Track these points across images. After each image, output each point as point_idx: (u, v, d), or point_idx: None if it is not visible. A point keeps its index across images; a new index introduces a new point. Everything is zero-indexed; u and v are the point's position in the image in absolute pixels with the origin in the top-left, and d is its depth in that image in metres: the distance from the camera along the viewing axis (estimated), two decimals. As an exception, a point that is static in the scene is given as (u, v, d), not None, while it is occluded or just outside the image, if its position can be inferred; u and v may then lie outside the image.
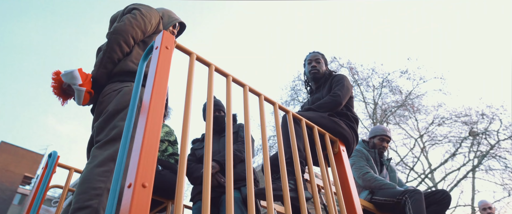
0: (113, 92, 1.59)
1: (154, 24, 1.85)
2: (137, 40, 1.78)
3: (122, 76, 1.66)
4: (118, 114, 1.51)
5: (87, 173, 1.33)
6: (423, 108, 15.57)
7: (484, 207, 4.66)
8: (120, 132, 1.45)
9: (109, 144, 1.42)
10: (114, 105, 1.54)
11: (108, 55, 1.66)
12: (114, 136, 1.44)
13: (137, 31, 1.73)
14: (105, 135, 1.46)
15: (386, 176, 2.93)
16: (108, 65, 1.66)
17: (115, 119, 1.50)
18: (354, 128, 2.10)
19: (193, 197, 2.47)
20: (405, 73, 15.28)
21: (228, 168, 1.22)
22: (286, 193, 1.36)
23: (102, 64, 1.65)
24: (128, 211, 0.91)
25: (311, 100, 2.32)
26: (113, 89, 1.61)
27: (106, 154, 1.38)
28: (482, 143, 14.41)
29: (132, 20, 1.71)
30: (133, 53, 1.74)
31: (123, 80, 1.64)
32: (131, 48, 1.75)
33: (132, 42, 1.74)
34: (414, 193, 2.40)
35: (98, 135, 1.49)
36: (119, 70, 1.67)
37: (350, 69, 16.05)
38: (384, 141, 3.01)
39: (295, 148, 1.58)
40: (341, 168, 1.89)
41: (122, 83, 1.63)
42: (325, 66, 2.42)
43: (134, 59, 1.72)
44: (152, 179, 1.01)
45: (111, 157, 1.38)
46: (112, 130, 1.46)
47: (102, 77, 1.66)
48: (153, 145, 1.07)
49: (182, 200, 1.02)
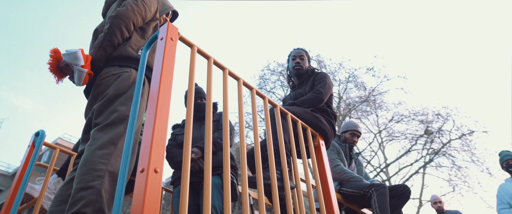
0: (111, 76, 1.62)
1: (153, 11, 1.89)
2: (136, 26, 1.81)
3: (121, 61, 1.69)
4: (117, 99, 1.55)
5: (88, 155, 1.36)
6: (384, 104, 16.28)
7: (435, 201, 5.06)
8: (119, 116, 1.49)
9: (109, 128, 1.46)
10: (113, 89, 1.57)
11: (109, 39, 1.68)
12: (114, 120, 1.48)
13: (138, 18, 1.76)
14: (105, 119, 1.49)
15: (354, 169, 3.14)
16: (108, 48, 1.69)
17: (115, 104, 1.53)
18: (333, 124, 2.24)
19: (173, 181, 2.54)
20: (371, 70, 15.85)
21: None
22: (274, 182, 1.47)
23: (102, 47, 1.67)
24: (143, 194, 0.98)
25: (294, 95, 2.43)
26: (111, 73, 1.63)
27: (107, 137, 1.42)
28: (435, 141, 15.35)
29: (134, 6, 1.75)
30: (132, 39, 1.77)
31: (121, 65, 1.67)
32: (130, 34, 1.78)
33: (132, 28, 1.78)
34: (380, 187, 2.61)
35: (97, 117, 1.51)
36: (118, 54, 1.70)
37: (318, 62, 16.41)
38: (355, 136, 3.21)
39: (282, 141, 1.70)
40: (320, 161, 2.03)
41: (121, 68, 1.66)
42: (308, 63, 2.54)
43: (133, 45, 1.75)
44: (163, 164, 1.08)
45: (111, 140, 1.42)
46: (112, 113, 1.50)
47: (101, 60, 1.68)
48: (163, 133, 1.14)
49: (186, 200, 1.10)
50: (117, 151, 1.42)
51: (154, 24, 1.94)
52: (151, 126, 1.12)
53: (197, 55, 1.49)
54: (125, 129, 1.47)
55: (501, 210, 3.99)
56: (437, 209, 4.99)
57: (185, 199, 1.08)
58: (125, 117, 1.51)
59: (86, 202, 1.25)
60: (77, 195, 1.27)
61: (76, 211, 1.22)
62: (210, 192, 1.22)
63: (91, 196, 1.26)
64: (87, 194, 1.26)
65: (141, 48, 1.77)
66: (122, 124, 1.49)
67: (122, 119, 1.50)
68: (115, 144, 1.42)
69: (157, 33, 1.43)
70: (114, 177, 1.36)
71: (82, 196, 1.26)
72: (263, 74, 15.92)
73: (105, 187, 1.31)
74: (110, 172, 1.35)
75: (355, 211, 2.98)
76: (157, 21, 1.98)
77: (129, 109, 1.53)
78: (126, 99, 1.55)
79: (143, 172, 1.03)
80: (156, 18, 1.94)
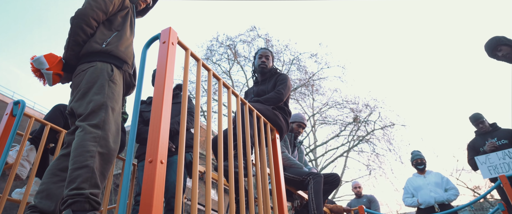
0: (82, 72, 1.77)
1: (116, 3, 1.97)
2: (99, 21, 1.91)
3: (89, 57, 1.82)
4: (90, 90, 1.70)
5: (79, 140, 1.53)
6: (321, 90, 17.28)
7: (356, 186, 5.79)
8: (97, 104, 1.65)
9: (91, 115, 1.62)
10: (85, 83, 1.72)
11: (73, 39, 1.81)
12: (93, 108, 1.64)
13: (98, 13, 1.86)
14: (85, 109, 1.64)
15: (296, 156, 3.56)
16: (75, 47, 1.82)
17: (89, 95, 1.68)
18: (287, 120, 2.59)
19: (138, 156, 2.73)
20: (314, 56, 16.61)
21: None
22: (249, 170, 1.78)
23: (69, 47, 1.82)
24: (153, 182, 1.22)
25: (256, 90, 2.73)
26: (81, 70, 1.78)
27: (92, 124, 1.59)
28: (360, 129, 16.78)
29: (92, 3, 1.85)
30: (97, 33, 1.89)
31: (89, 61, 1.80)
32: (95, 29, 1.89)
33: (95, 23, 1.88)
34: (317, 176, 3.05)
35: (78, 109, 1.67)
36: (85, 51, 1.82)
37: (266, 41, 16.77)
38: (301, 127, 3.62)
39: (248, 134, 2.00)
40: (274, 151, 2.38)
41: (89, 63, 1.79)
42: (272, 63, 2.84)
43: (98, 39, 1.87)
44: (166, 156, 1.32)
45: (96, 125, 1.59)
46: (89, 103, 1.65)
47: (71, 59, 1.83)
48: (166, 129, 1.37)
49: (181, 193, 1.36)
50: (103, 134, 1.59)
51: (122, 14, 2.02)
52: (159, 123, 1.35)
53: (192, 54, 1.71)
54: (106, 114, 1.64)
55: (405, 199, 4.77)
56: (356, 193, 5.73)
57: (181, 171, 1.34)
58: (101, 103, 1.67)
59: (83, 179, 1.44)
60: (74, 173, 1.45)
61: (75, 187, 1.41)
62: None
63: (86, 174, 1.45)
64: (83, 172, 1.45)
65: (106, 40, 1.87)
66: (101, 110, 1.65)
67: (100, 106, 1.66)
68: (100, 127, 1.60)
69: (158, 35, 1.62)
70: (103, 157, 1.56)
71: (78, 174, 1.44)
72: (211, 45, 15.88)
73: (97, 165, 1.50)
74: (100, 153, 1.54)
75: (291, 193, 3.42)
76: (126, 9, 2.06)
77: (103, 96, 1.69)
78: (98, 89, 1.71)
79: (152, 162, 1.27)
80: (124, 7, 2.04)
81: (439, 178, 4.57)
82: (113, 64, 1.82)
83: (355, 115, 16.70)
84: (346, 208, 4.13)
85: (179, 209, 1.32)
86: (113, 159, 1.59)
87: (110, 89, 1.73)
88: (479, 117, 4.34)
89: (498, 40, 3.10)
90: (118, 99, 1.79)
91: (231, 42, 16.10)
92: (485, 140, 4.19)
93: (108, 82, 1.74)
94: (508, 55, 3.04)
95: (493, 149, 4.00)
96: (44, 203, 1.51)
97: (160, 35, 1.62)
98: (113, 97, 1.70)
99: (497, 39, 3.12)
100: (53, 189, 1.56)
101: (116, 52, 1.86)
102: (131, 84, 2.00)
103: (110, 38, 1.89)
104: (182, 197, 2.68)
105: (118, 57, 1.86)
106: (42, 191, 1.55)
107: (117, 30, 1.95)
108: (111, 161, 1.57)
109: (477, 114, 4.38)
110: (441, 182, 4.53)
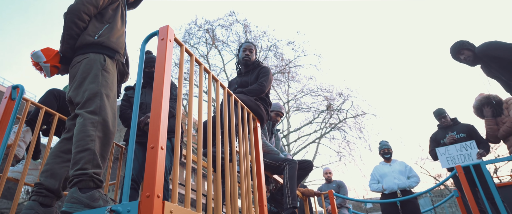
0: (77, 64, 1.90)
1: None
2: (91, 15, 2.03)
3: (83, 49, 1.94)
4: (85, 80, 1.83)
5: (80, 126, 1.67)
6: (297, 77, 17.61)
7: (327, 172, 6.14)
8: (92, 93, 1.78)
9: (87, 103, 1.76)
10: (80, 74, 1.85)
11: (67, 33, 1.94)
12: (89, 96, 1.77)
13: (89, 8, 1.98)
14: (82, 97, 1.78)
15: (273, 143, 3.80)
16: (70, 41, 1.95)
17: (85, 84, 1.82)
18: (268, 110, 2.81)
19: (126, 139, 2.86)
20: (292, 43, 16.84)
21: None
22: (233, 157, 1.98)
23: (64, 40, 1.94)
24: (155, 165, 1.40)
25: (240, 81, 2.92)
26: (77, 61, 1.91)
27: (89, 110, 1.73)
28: (333, 117, 17.30)
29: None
30: (90, 26, 2.01)
31: (84, 53, 1.93)
32: (87, 23, 2.02)
33: (87, 18, 2.00)
34: (292, 162, 3.30)
35: (75, 99, 1.81)
36: (79, 44, 1.95)
37: (244, 26, 16.83)
38: (278, 116, 3.86)
39: (233, 123, 2.20)
40: (256, 139, 2.59)
41: (83, 55, 1.92)
42: (255, 56, 3.03)
43: (91, 32, 1.99)
44: (165, 142, 1.50)
45: (93, 111, 1.73)
46: (85, 92, 1.79)
47: (67, 51, 1.95)
48: (166, 119, 1.54)
49: (177, 180, 1.54)
50: (102, 119, 1.74)
51: (113, 6, 2.13)
52: (159, 112, 1.51)
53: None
54: (101, 101, 1.78)
55: (371, 185, 5.14)
56: (327, 178, 6.08)
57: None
58: (96, 91, 1.80)
59: (86, 160, 1.59)
60: (77, 156, 1.60)
61: (80, 167, 1.57)
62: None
63: (89, 156, 1.61)
64: (85, 154, 1.60)
65: (98, 33, 1.99)
66: (96, 97, 1.78)
67: (95, 94, 1.79)
68: (97, 113, 1.74)
69: (157, 32, 1.77)
70: (102, 140, 1.71)
71: (82, 157, 1.59)
72: (189, 28, 15.79)
73: (97, 148, 1.66)
74: (99, 136, 1.69)
75: (267, 176, 3.67)
76: (117, 2, 2.17)
77: (98, 84, 1.82)
78: (92, 78, 1.84)
79: (154, 148, 1.45)
80: (115, 0, 2.15)
81: (403, 167, 4.96)
82: (106, 55, 1.94)
83: (329, 103, 17.17)
84: (316, 192, 4.43)
85: (176, 189, 1.51)
86: (111, 141, 1.75)
87: (103, 78, 1.86)
88: (441, 112, 4.72)
89: (462, 45, 3.41)
90: (112, 86, 1.93)
91: (209, 26, 16.06)
92: (446, 133, 4.58)
93: (101, 72, 1.87)
94: (469, 59, 3.36)
95: (452, 142, 4.38)
96: (49, 181, 1.66)
97: (158, 32, 1.77)
98: (107, 85, 1.83)
99: (461, 43, 3.43)
100: (56, 169, 1.71)
101: (108, 43, 1.98)
102: (125, 72, 2.13)
103: (102, 30, 2.00)
104: (168, 178, 2.85)
105: (110, 48, 1.98)
106: (47, 170, 1.70)
107: (108, 22, 2.06)
108: (110, 143, 1.73)
109: (440, 109, 4.75)
110: (404, 170, 4.92)
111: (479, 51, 3.24)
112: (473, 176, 3.89)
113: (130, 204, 1.34)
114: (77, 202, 1.47)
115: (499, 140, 4.21)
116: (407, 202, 4.67)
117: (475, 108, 4.31)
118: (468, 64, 3.41)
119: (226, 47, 16.28)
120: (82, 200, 1.48)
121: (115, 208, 1.35)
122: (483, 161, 4.00)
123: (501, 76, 3.18)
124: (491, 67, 3.20)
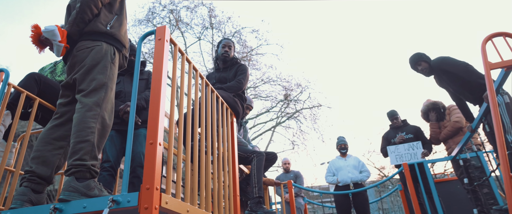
0: (86, 49, 1.92)
1: None
2: (104, 3, 2.07)
3: (93, 35, 1.97)
4: (94, 68, 1.87)
5: (80, 116, 1.72)
6: (258, 65, 17.82)
7: (285, 162, 6.45)
8: (99, 83, 1.83)
9: (92, 93, 1.81)
10: (90, 60, 1.88)
11: (80, 16, 1.95)
12: (95, 87, 1.82)
13: None
14: (87, 86, 1.82)
15: (241, 135, 3.98)
16: (80, 24, 1.96)
17: (93, 73, 1.85)
18: (243, 106, 2.97)
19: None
20: (256, 32, 16.97)
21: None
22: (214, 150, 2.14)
23: (75, 23, 1.95)
24: (154, 161, 1.52)
25: (218, 76, 3.05)
26: (86, 46, 1.93)
27: (93, 101, 1.78)
28: (290, 107, 17.80)
29: None
30: (101, 15, 2.04)
31: (94, 39, 1.96)
32: (99, 10, 2.04)
33: (100, 5, 2.04)
34: (260, 154, 3.50)
35: (81, 84, 1.83)
36: (90, 29, 1.97)
37: (209, 10, 16.67)
38: (248, 109, 4.04)
39: (215, 117, 2.35)
40: (232, 132, 2.76)
41: (94, 41, 1.95)
42: (233, 52, 3.17)
43: (102, 20, 2.02)
44: (162, 139, 1.62)
45: (96, 103, 1.79)
46: (92, 81, 1.83)
47: (75, 34, 1.96)
48: (162, 114, 1.66)
49: (171, 166, 1.68)
50: (102, 112, 1.80)
51: (158, 29, 2.18)
52: (157, 109, 1.62)
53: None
54: (105, 93, 1.85)
55: (327, 177, 5.52)
56: (285, 168, 6.39)
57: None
58: (103, 83, 1.85)
59: (85, 152, 1.66)
60: (76, 146, 1.65)
61: (78, 158, 1.64)
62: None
63: (88, 147, 1.67)
64: (84, 146, 1.67)
65: (109, 23, 2.03)
66: (102, 89, 1.84)
67: (101, 85, 1.84)
68: (100, 106, 1.80)
69: (154, 31, 1.85)
70: (101, 133, 1.77)
71: (81, 147, 1.66)
72: (153, 7, 15.35)
73: (95, 140, 1.74)
74: (98, 129, 1.76)
75: (234, 166, 3.86)
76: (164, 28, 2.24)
77: (105, 76, 1.87)
78: (101, 68, 1.88)
79: (153, 144, 1.56)
80: None
81: (356, 162, 5.39)
82: (115, 47, 2.00)
83: (287, 92, 17.61)
84: (276, 182, 4.70)
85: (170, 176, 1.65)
86: (107, 134, 1.82)
87: (111, 70, 1.91)
88: (394, 114, 5.15)
89: (420, 57, 3.78)
90: (115, 80, 1.98)
91: (174, 6, 15.72)
92: (396, 133, 5.02)
93: (110, 64, 1.91)
94: (426, 70, 3.73)
95: (401, 141, 4.83)
96: (41, 169, 1.71)
97: (155, 32, 1.86)
98: (112, 78, 1.89)
99: (419, 55, 3.79)
100: (48, 156, 1.76)
101: (118, 35, 2.03)
102: (123, 65, 2.18)
103: (113, 20, 2.04)
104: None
105: (120, 41, 2.04)
106: (38, 157, 1.74)
107: (116, 14, 2.10)
108: (106, 136, 1.80)
109: (393, 111, 5.19)
110: (357, 165, 5.35)
111: (434, 64, 3.62)
112: (417, 173, 4.35)
113: (130, 195, 1.46)
114: (74, 191, 1.56)
115: (440, 142, 4.71)
116: (358, 194, 5.10)
117: (423, 112, 4.77)
118: (424, 75, 3.78)
119: (189, 30, 16.07)
120: (79, 189, 1.57)
121: (116, 198, 1.46)
122: (426, 160, 4.49)
123: (449, 87, 3.58)
124: (442, 79, 3.59)
